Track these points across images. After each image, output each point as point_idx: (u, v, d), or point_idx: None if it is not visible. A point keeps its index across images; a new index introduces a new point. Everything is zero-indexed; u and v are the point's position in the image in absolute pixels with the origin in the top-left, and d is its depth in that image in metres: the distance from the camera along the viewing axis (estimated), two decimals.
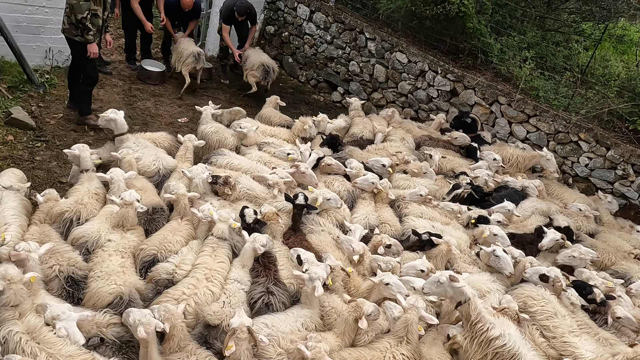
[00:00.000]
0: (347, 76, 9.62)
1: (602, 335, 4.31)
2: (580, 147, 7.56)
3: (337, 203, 4.90)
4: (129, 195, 4.21)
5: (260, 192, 5.02)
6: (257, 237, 4.06)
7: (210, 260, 3.87)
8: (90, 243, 3.87)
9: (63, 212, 4.10)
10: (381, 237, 4.66)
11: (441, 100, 8.66)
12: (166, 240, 4.10)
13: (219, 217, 4.21)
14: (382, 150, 6.93)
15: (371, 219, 5.10)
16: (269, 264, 4.02)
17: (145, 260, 3.92)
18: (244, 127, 6.17)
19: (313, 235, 4.62)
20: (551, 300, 4.36)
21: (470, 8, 7.98)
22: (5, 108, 6.30)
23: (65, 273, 3.51)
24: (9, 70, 6.96)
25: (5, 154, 5.70)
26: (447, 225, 5.43)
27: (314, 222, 4.81)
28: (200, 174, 4.84)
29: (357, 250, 4.33)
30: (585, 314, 4.51)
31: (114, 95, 7.63)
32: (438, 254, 4.66)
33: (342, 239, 4.48)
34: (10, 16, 6.75)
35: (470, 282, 4.39)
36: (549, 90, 8.00)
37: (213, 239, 4.10)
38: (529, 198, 6.47)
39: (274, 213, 4.41)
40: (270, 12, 10.41)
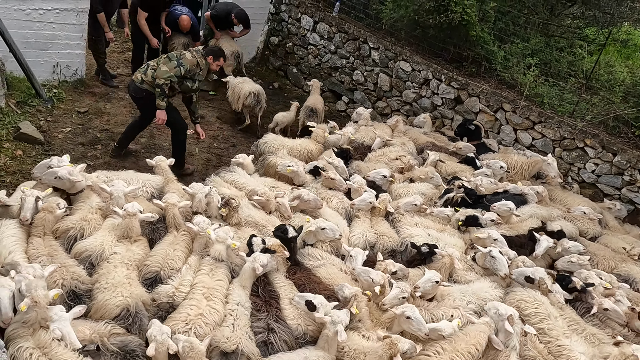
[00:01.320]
0: (351, 85, 9.67)
1: (589, 331, 4.36)
2: (586, 153, 7.54)
3: (335, 234, 4.57)
4: (131, 207, 4.18)
5: (260, 219, 4.81)
6: (257, 257, 3.87)
7: (208, 279, 3.77)
8: (95, 257, 3.86)
9: (68, 229, 4.07)
10: (386, 263, 4.38)
11: (446, 108, 8.67)
12: (168, 256, 4.02)
13: (217, 237, 4.03)
14: (383, 157, 6.97)
15: (368, 235, 5.00)
16: (270, 300, 3.80)
17: (148, 277, 3.87)
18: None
19: (320, 269, 4.33)
20: (543, 302, 4.40)
21: (473, 16, 8.01)
22: (14, 123, 6.38)
23: (67, 287, 3.51)
24: (18, 86, 7.06)
25: (15, 169, 5.77)
26: (442, 232, 5.40)
27: (311, 257, 4.50)
28: (202, 189, 4.70)
29: (377, 281, 4.04)
30: (572, 309, 4.57)
31: (120, 108, 7.71)
32: (441, 267, 4.61)
33: (359, 271, 4.15)
34: (19, 32, 6.86)
35: (474, 292, 4.45)
36: (554, 96, 8.00)
37: (210, 259, 3.96)
38: (529, 203, 6.46)
39: (279, 245, 4.14)
40: (274, 23, 10.51)
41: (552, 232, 5.71)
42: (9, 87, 6.94)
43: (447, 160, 7.22)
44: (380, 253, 4.76)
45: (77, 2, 7.25)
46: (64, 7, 7.18)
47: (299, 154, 6.55)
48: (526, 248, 5.59)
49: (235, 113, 8.33)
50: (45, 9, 7.07)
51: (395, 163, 6.77)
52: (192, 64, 5.90)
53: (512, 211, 5.89)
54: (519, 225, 5.96)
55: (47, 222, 3.97)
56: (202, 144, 7.50)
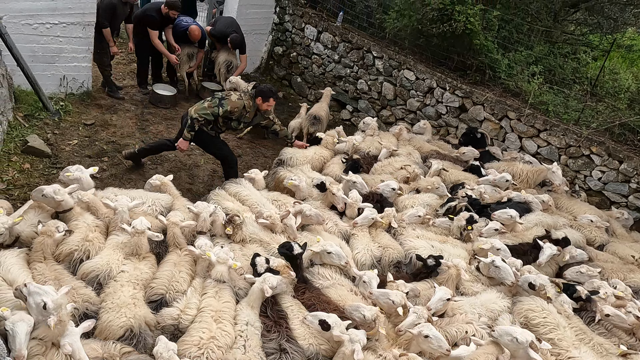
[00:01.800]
0: (355, 94, 9.69)
1: (597, 340, 4.32)
2: (592, 160, 7.51)
3: (341, 260, 4.47)
4: (140, 224, 4.12)
5: (264, 236, 4.73)
6: (267, 278, 3.79)
7: (215, 302, 3.73)
8: (102, 276, 3.83)
9: (72, 252, 3.99)
10: (397, 284, 4.29)
11: (450, 117, 8.67)
12: (174, 279, 3.97)
13: (217, 259, 3.98)
14: (388, 166, 6.96)
15: (373, 250, 4.93)
16: (280, 320, 3.75)
17: (154, 300, 3.83)
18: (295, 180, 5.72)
19: (330, 290, 4.24)
20: (551, 311, 4.37)
21: (476, 25, 8.03)
22: (22, 136, 6.44)
23: (80, 310, 3.50)
24: (25, 99, 7.13)
25: (23, 182, 5.82)
26: (444, 244, 5.36)
27: (320, 276, 4.41)
28: (206, 208, 4.62)
29: (397, 302, 3.96)
30: (579, 318, 4.54)
31: (126, 120, 7.76)
32: (448, 279, 4.58)
33: (377, 294, 4.07)
34: (26, 47, 6.93)
35: (483, 304, 4.42)
36: (559, 104, 7.98)
37: (212, 282, 3.91)
38: (534, 212, 6.43)
39: (284, 266, 4.08)
40: (278, 33, 10.57)
41: (556, 240, 5.69)
42: (17, 100, 7.01)
43: (451, 168, 7.20)
44: (387, 266, 4.73)
45: (83, 16, 7.33)
46: (70, 20, 7.26)
47: (314, 162, 6.63)
48: (530, 255, 5.58)
49: None
50: (53, 23, 7.15)
51: (401, 172, 6.75)
52: (235, 106, 5.78)
53: (514, 219, 5.87)
54: (523, 233, 5.93)
55: (47, 246, 3.90)
56: (208, 155, 7.51)
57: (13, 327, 2.98)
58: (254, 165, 7.55)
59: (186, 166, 7.11)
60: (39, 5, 6.95)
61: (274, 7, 10.40)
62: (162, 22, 8.20)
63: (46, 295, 3.10)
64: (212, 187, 6.71)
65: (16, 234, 4.08)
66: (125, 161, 6.65)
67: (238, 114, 5.88)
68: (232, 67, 9.03)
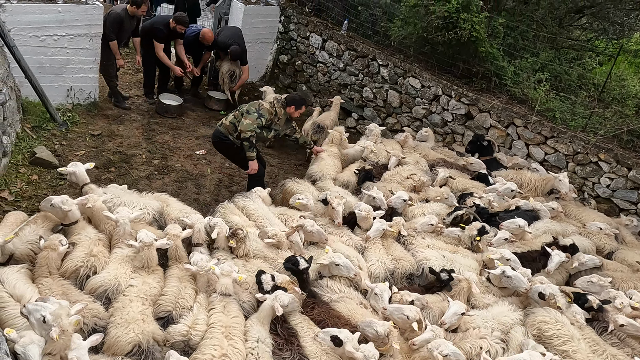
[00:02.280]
0: (361, 102, 9.69)
1: (610, 352, 4.27)
2: (600, 167, 7.46)
3: (350, 272, 4.41)
4: (146, 236, 4.10)
5: (269, 252, 4.67)
6: (279, 296, 3.74)
7: (224, 317, 3.69)
8: (111, 291, 3.82)
9: (78, 268, 3.98)
10: (401, 294, 4.25)
11: (456, 124, 8.65)
12: (180, 295, 3.95)
13: (222, 271, 3.92)
14: (397, 175, 6.93)
15: (387, 262, 4.90)
16: (291, 337, 3.69)
17: (161, 316, 3.81)
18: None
19: (340, 304, 4.18)
20: (564, 323, 4.31)
21: (481, 33, 8.02)
22: (30, 148, 6.47)
23: (89, 325, 3.50)
24: (33, 110, 7.17)
25: (31, 194, 5.84)
26: (455, 254, 5.32)
27: (329, 289, 4.35)
28: (200, 220, 4.59)
29: (412, 317, 3.88)
30: (591, 329, 4.49)
31: (133, 130, 7.80)
32: (459, 292, 4.54)
33: (392, 310, 4.00)
34: (33, 58, 6.99)
35: (495, 317, 4.37)
36: (566, 111, 7.95)
37: (218, 296, 3.87)
38: (543, 219, 6.39)
39: (288, 282, 4.02)
40: (283, 42, 10.61)
41: (564, 247, 5.65)
42: (25, 112, 7.06)
43: (458, 176, 7.18)
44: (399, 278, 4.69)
45: (90, 27, 7.39)
46: (77, 32, 7.32)
47: (337, 169, 6.87)
48: (538, 262, 5.54)
49: None
50: (60, 35, 7.20)
51: (408, 182, 6.73)
52: (271, 114, 5.92)
53: (522, 228, 5.82)
54: (532, 242, 5.88)
55: (51, 260, 3.89)
56: (214, 165, 7.55)
57: (25, 351, 2.97)
58: None
59: (192, 176, 7.12)
60: (47, 18, 7.01)
61: (279, 16, 10.44)
62: (169, 36, 8.23)
63: (44, 309, 3.08)
64: (219, 197, 6.75)
65: (9, 252, 4.05)
66: None
67: (271, 122, 6.00)
68: (235, 77, 9.10)
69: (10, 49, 6.38)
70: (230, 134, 6.02)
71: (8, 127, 6.14)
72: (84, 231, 4.37)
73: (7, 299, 3.54)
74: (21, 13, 6.82)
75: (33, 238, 4.17)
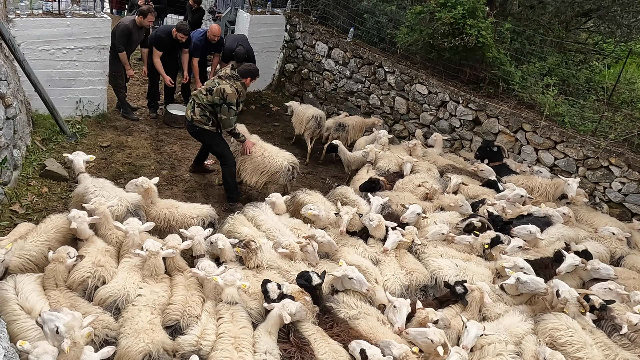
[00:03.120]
0: (367, 109, 9.69)
1: (622, 356, 4.21)
2: (611, 172, 7.38)
3: (362, 287, 4.32)
4: (152, 245, 4.13)
5: (283, 264, 4.60)
6: (286, 304, 3.70)
7: (233, 327, 3.65)
8: (120, 301, 3.82)
9: (85, 279, 3.97)
10: (427, 312, 4.10)
11: (464, 130, 8.62)
12: (187, 303, 3.93)
13: (225, 281, 3.91)
14: (409, 183, 6.87)
15: (401, 278, 4.81)
16: (303, 345, 3.61)
17: (169, 325, 3.79)
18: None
19: (360, 322, 4.04)
20: (576, 329, 4.25)
21: (488, 38, 8.01)
22: (40, 161, 6.52)
23: (100, 337, 3.49)
24: (43, 123, 7.24)
25: (41, 206, 5.87)
26: (468, 262, 5.24)
27: (346, 305, 4.26)
28: (200, 232, 4.54)
29: (436, 341, 3.73)
30: (602, 332, 4.44)
31: (141, 141, 7.83)
32: (472, 301, 4.46)
33: (415, 334, 3.86)
34: (43, 72, 7.06)
35: (506, 328, 4.30)
36: (575, 115, 7.89)
37: (225, 305, 3.85)
38: (556, 225, 6.32)
39: (298, 291, 3.97)
40: (289, 51, 10.65)
41: (577, 253, 5.56)
42: (35, 125, 7.12)
43: (469, 183, 7.13)
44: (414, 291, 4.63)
45: (98, 40, 7.46)
46: (86, 45, 7.39)
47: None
48: (551, 269, 5.44)
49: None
50: (69, 48, 7.28)
51: (420, 189, 6.69)
52: (235, 97, 6.21)
53: (533, 235, 5.75)
54: (546, 249, 5.80)
55: (59, 272, 3.89)
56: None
57: None
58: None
59: (201, 186, 7.13)
60: (56, 32, 7.09)
61: (285, 25, 10.49)
62: (172, 45, 8.22)
63: (58, 319, 3.10)
64: (227, 207, 6.75)
65: (6, 265, 4.00)
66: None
67: (238, 102, 6.35)
68: None
69: (20, 63, 6.45)
70: (205, 124, 6.32)
71: (19, 141, 6.20)
72: (92, 244, 4.40)
73: (19, 311, 3.55)
74: (30, 27, 6.90)
75: (28, 249, 4.17)
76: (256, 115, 9.82)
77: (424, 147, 8.02)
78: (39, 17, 7.01)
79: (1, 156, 5.41)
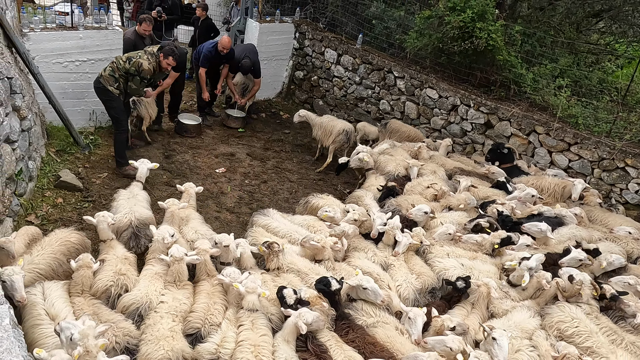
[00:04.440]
0: (378, 115, 9.67)
1: (628, 340, 4.31)
2: (627, 173, 7.26)
3: (377, 298, 4.27)
4: (177, 251, 4.18)
5: (303, 267, 4.63)
6: (303, 313, 3.69)
7: (253, 335, 3.65)
8: (143, 308, 3.86)
9: (108, 287, 4.04)
10: (442, 319, 4.08)
11: (476, 133, 8.56)
12: (209, 311, 3.96)
13: (246, 288, 3.92)
14: (418, 186, 6.87)
15: (413, 282, 4.81)
16: (322, 353, 3.60)
17: (190, 333, 3.80)
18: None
19: (378, 330, 4.02)
20: (581, 319, 4.34)
21: (498, 41, 7.96)
22: (55, 172, 6.59)
23: (121, 344, 3.52)
24: (57, 135, 7.33)
25: (56, 217, 5.93)
26: (474, 260, 5.28)
27: (364, 312, 4.22)
28: (228, 238, 4.57)
29: (455, 349, 3.69)
30: (607, 317, 4.54)
31: (154, 151, 7.89)
32: (479, 297, 4.52)
33: (433, 343, 3.82)
34: (57, 84, 7.17)
35: (517, 325, 4.34)
36: (588, 116, 7.79)
37: (245, 312, 3.86)
38: (568, 225, 6.25)
39: (316, 297, 3.98)
40: (298, 58, 10.69)
41: (587, 251, 5.55)
42: (49, 136, 7.21)
43: (478, 184, 7.10)
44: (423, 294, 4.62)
45: (110, 52, 7.55)
46: (98, 57, 7.49)
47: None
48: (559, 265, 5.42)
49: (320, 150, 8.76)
50: (81, 60, 7.39)
51: (428, 191, 6.68)
52: (150, 73, 6.69)
53: (544, 232, 5.72)
54: (556, 247, 5.77)
55: (86, 278, 3.99)
56: (234, 182, 7.58)
57: None
58: (279, 191, 7.59)
59: (213, 194, 7.15)
60: (69, 44, 7.20)
61: (294, 33, 10.55)
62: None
63: (74, 327, 3.16)
64: (240, 214, 6.76)
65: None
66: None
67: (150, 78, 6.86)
68: (248, 91, 9.23)
69: (35, 76, 6.55)
70: (111, 84, 6.60)
71: (33, 152, 6.28)
72: (112, 250, 4.52)
73: (44, 316, 3.63)
74: (44, 41, 7.02)
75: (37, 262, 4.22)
76: (267, 123, 9.85)
77: (430, 149, 8.03)
78: (52, 31, 7.13)
79: (17, 168, 5.48)
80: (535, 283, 4.82)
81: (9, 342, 2.47)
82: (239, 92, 9.28)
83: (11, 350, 2.42)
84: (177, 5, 10.25)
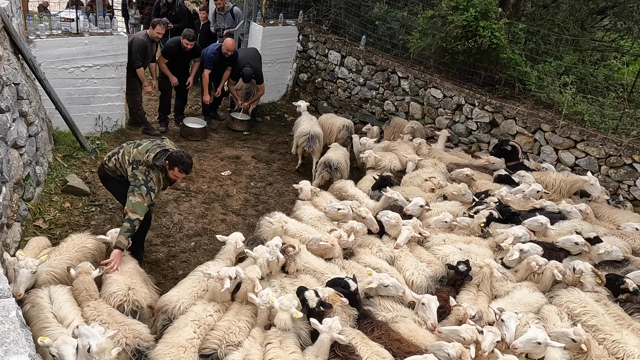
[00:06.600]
0: (382, 115, 9.67)
1: (636, 326, 4.44)
2: (635, 170, 7.20)
3: (399, 291, 4.33)
4: (224, 271, 4.03)
5: (318, 266, 4.63)
6: (332, 325, 3.62)
7: (282, 353, 3.55)
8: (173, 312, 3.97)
9: (122, 304, 3.98)
10: (464, 308, 4.08)
11: (481, 132, 8.53)
12: (230, 330, 3.81)
13: (280, 305, 3.80)
14: (416, 178, 6.97)
15: (425, 269, 4.84)
16: (350, 355, 3.54)
17: (206, 354, 3.67)
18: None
19: (400, 325, 4.05)
20: (588, 301, 4.52)
21: (502, 39, 7.94)
22: (62, 176, 6.64)
23: (131, 346, 3.52)
24: (64, 140, 7.38)
25: (64, 221, 5.97)
26: (470, 244, 5.39)
27: (382, 307, 4.27)
28: (264, 253, 4.43)
29: (468, 339, 3.74)
30: (617, 306, 4.67)
31: None
32: (483, 278, 4.63)
33: (447, 332, 3.86)
34: (63, 90, 7.23)
35: (520, 301, 4.50)
36: (594, 113, 7.74)
37: (276, 331, 3.75)
38: (571, 220, 6.24)
39: (334, 294, 3.95)
40: (302, 61, 10.72)
41: (588, 239, 5.56)
42: (56, 142, 7.27)
43: (479, 178, 7.16)
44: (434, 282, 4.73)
45: (116, 57, 7.62)
46: (104, 62, 7.55)
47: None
48: (557, 250, 5.48)
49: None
50: (87, 66, 7.45)
51: (427, 184, 6.79)
52: (159, 185, 5.04)
53: (544, 226, 5.76)
54: (555, 238, 5.77)
55: (88, 283, 3.95)
56: (240, 184, 7.60)
57: (59, 351, 3.06)
58: (284, 193, 7.60)
59: (219, 197, 7.18)
60: (74, 50, 7.26)
61: (297, 36, 10.58)
62: (180, 54, 8.29)
63: (93, 338, 3.13)
64: (246, 217, 6.78)
65: (36, 277, 4.06)
66: None
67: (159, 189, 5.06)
68: (251, 96, 9.25)
69: (41, 82, 6.61)
70: (114, 172, 5.17)
71: (41, 157, 6.33)
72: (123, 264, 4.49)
73: (51, 319, 3.63)
74: (50, 47, 7.08)
75: (54, 266, 4.24)
76: (271, 126, 9.88)
77: (429, 144, 8.10)
78: (58, 37, 7.19)
79: (25, 173, 5.53)
80: (526, 265, 4.95)
81: (15, 334, 2.48)
82: (242, 96, 9.31)
83: (18, 341, 2.45)
84: (184, 13, 10.33)
